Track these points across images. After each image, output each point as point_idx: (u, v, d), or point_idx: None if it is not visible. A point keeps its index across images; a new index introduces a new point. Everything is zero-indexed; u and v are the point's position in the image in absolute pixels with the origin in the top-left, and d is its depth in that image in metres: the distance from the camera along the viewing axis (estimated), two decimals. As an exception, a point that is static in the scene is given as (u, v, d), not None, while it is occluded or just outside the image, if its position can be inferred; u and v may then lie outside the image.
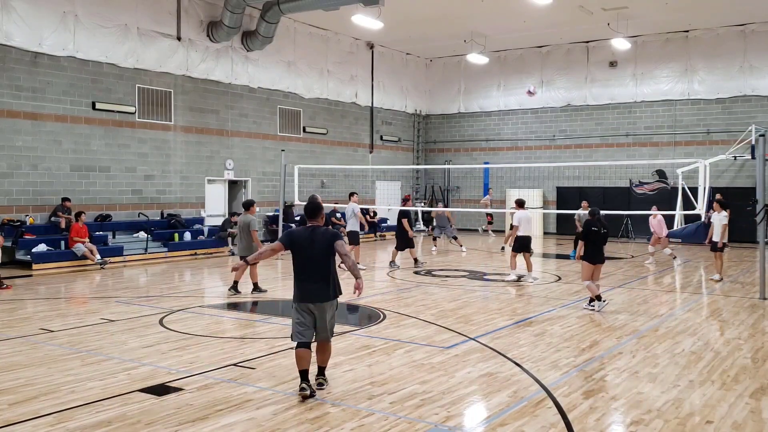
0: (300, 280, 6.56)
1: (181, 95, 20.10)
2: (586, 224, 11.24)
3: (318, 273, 6.52)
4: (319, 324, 6.56)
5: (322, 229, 6.64)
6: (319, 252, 6.50)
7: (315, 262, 6.52)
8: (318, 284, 6.51)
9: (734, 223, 22.57)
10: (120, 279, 14.76)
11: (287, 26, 23.18)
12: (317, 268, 6.52)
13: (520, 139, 28.76)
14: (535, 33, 25.44)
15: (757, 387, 6.83)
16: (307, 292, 6.52)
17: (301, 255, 6.56)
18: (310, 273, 6.53)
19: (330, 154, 25.71)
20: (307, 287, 6.53)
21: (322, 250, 6.51)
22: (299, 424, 5.68)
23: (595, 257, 11.00)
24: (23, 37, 16.30)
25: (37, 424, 5.64)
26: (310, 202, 6.97)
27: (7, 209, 16.19)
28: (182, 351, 8.15)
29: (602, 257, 11.11)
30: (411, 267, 16.99)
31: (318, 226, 6.66)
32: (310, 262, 6.53)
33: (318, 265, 6.52)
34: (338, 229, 22.60)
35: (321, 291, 6.51)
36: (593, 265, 11.03)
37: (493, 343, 8.66)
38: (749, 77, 24.10)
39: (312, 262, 6.53)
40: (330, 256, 6.56)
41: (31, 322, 10.08)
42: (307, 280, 6.53)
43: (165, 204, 19.77)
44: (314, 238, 6.54)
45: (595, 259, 11.01)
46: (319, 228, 6.64)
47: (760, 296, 12.22)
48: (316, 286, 6.51)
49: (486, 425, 5.77)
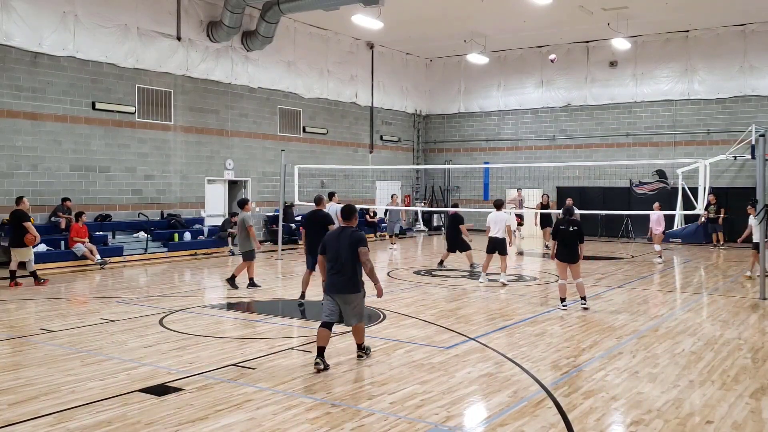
0: (329, 273, 7.50)
1: (181, 95, 20.10)
2: (556, 223, 11.34)
3: (342, 268, 7.37)
4: (344, 311, 7.46)
5: (350, 231, 7.49)
6: (344, 250, 7.37)
7: (340, 258, 7.38)
8: (342, 278, 7.37)
9: (734, 223, 22.73)
10: (120, 279, 14.76)
11: (287, 26, 23.18)
12: (342, 265, 7.37)
13: (520, 139, 28.76)
14: (535, 33, 25.44)
15: (757, 387, 6.83)
16: (332, 285, 7.44)
17: (330, 252, 7.48)
18: (336, 268, 7.41)
19: (330, 154, 25.71)
20: (333, 280, 7.43)
21: (346, 249, 7.36)
22: (299, 424, 5.68)
23: (564, 256, 10.98)
24: (23, 37, 16.30)
25: (37, 424, 5.64)
26: (346, 205, 7.88)
27: (7, 209, 16.13)
28: (182, 351, 8.14)
29: (573, 256, 10.94)
30: (411, 267, 17.00)
31: (348, 227, 7.56)
32: (336, 259, 7.41)
33: (343, 261, 7.36)
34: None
35: (344, 284, 7.38)
36: (563, 264, 11.01)
37: (493, 343, 8.66)
38: (749, 77, 24.10)
39: (338, 259, 7.39)
40: (354, 255, 7.35)
41: (31, 322, 10.09)
42: (334, 274, 7.42)
43: (165, 204, 19.76)
44: (341, 238, 7.44)
45: (564, 257, 10.98)
46: (348, 229, 7.52)
47: (760, 296, 12.22)
48: (340, 279, 7.38)
49: (486, 425, 5.76)
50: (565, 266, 11.05)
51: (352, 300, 7.44)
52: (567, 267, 11.05)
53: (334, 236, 7.55)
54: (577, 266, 11.01)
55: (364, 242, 7.39)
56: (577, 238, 10.93)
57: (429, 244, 24.22)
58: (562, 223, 11.08)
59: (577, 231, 10.92)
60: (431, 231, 29.52)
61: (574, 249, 10.95)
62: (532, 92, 28.35)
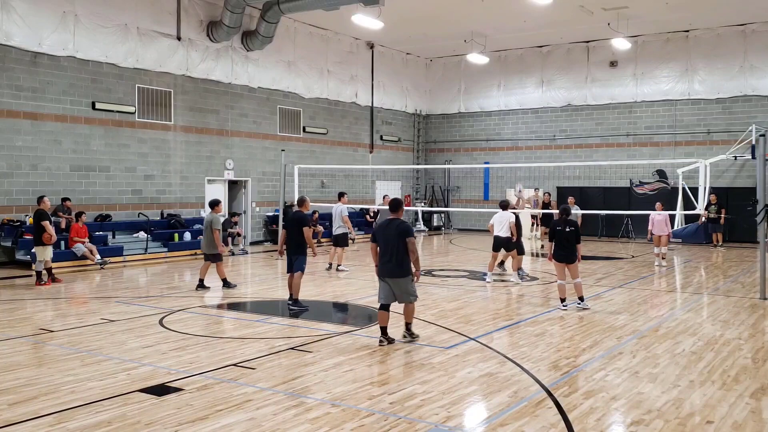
0: (381, 259, 8.52)
1: (181, 95, 20.09)
2: (553, 224, 11.33)
3: (391, 255, 8.40)
4: (396, 292, 8.48)
5: (398, 222, 8.53)
6: (392, 239, 8.40)
7: (389, 247, 8.41)
8: (391, 263, 8.41)
9: (735, 223, 22.74)
10: (120, 279, 14.76)
11: (287, 26, 23.17)
12: (391, 252, 8.40)
13: (520, 139, 28.75)
14: (536, 33, 25.42)
15: (757, 387, 6.83)
16: (383, 269, 8.49)
17: (380, 241, 8.54)
18: (386, 255, 8.43)
19: (330, 154, 25.70)
20: (385, 266, 8.47)
21: (394, 238, 8.39)
22: (299, 424, 5.67)
23: (561, 257, 11.02)
24: (23, 37, 16.30)
25: (37, 424, 5.64)
26: (394, 199, 8.93)
27: (7, 209, 16.18)
28: (182, 351, 8.14)
29: (570, 256, 10.98)
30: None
31: (395, 219, 8.57)
32: (386, 247, 8.44)
33: (392, 249, 8.39)
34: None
35: (393, 269, 8.42)
36: (561, 264, 11.06)
37: (493, 343, 8.65)
38: (749, 77, 24.09)
39: (387, 247, 8.43)
40: (401, 243, 8.36)
41: (31, 322, 10.09)
42: (386, 261, 8.44)
43: (165, 204, 19.76)
44: (389, 228, 8.49)
45: (562, 258, 11.02)
46: (396, 221, 8.55)
47: (761, 296, 12.21)
48: (390, 265, 8.42)
49: (486, 425, 5.76)
50: (563, 266, 11.08)
51: (402, 282, 8.45)
52: (565, 267, 11.08)
53: (383, 227, 8.62)
54: (575, 266, 11.04)
55: (411, 233, 8.44)
56: (574, 239, 10.95)
57: (429, 244, 24.22)
58: (559, 224, 11.11)
59: (573, 231, 10.95)
60: (431, 231, 29.52)
61: (571, 249, 10.98)
62: (533, 92, 28.34)
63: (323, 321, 10.36)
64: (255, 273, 16.56)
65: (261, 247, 21.77)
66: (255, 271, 16.97)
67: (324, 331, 9.29)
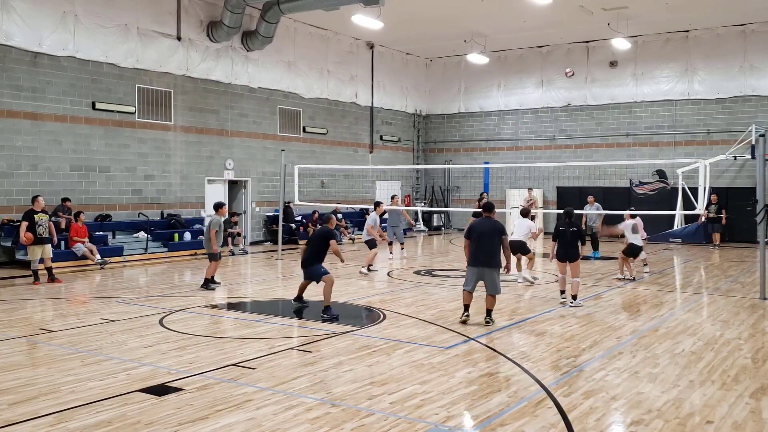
0: (476, 251, 9.76)
1: (181, 95, 20.09)
2: (557, 225, 11.89)
3: (486, 248, 9.71)
4: (486, 281, 9.72)
5: (494, 221, 9.99)
6: (488, 235, 9.74)
7: (486, 241, 9.72)
8: (486, 255, 9.70)
9: (735, 223, 22.74)
10: (120, 279, 14.76)
11: (287, 26, 23.17)
12: (487, 245, 9.71)
13: (520, 139, 28.75)
14: (535, 33, 25.42)
15: (757, 387, 6.83)
16: (478, 260, 9.76)
17: (475, 234, 9.82)
18: (482, 247, 9.72)
19: (330, 154, 25.70)
20: (479, 256, 9.74)
21: (489, 234, 9.75)
22: (299, 424, 5.67)
23: (563, 256, 11.54)
24: (23, 37, 16.30)
25: (37, 424, 5.64)
26: (488, 202, 10.54)
27: (7, 209, 16.18)
28: (182, 351, 8.14)
29: (572, 255, 11.47)
30: (411, 267, 17.01)
31: (490, 218, 10.02)
32: (482, 241, 9.72)
33: (488, 243, 9.72)
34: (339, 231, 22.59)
35: (487, 260, 9.72)
36: (563, 263, 11.58)
37: (493, 343, 8.66)
38: (749, 77, 24.09)
39: (484, 241, 9.72)
40: (496, 239, 9.77)
41: (31, 322, 10.09)
42: (480, 252, 9.71)
43: (165, 204, 19.76)
44: (487, 226, 9.85)
45: (564, 257, 11.54)
46: (492, 220, 10.02)
47: (761, 296, 12.22)
48: (485, 256, 9.71)
49: (486, 425, 5.76)
50: (565, 265, 11.60)
51: (492, 273, 9.69)
52: (567, 265, 11.56)
53: (480, 224, 9.94)
54: (576, 265, 11.51)
55: (505, 231, 9.86)
56: (577, 239, 11.51)
57: (429, 244, 24.22)
58: (562, 225, 11.63)
59: (576, 232, 11.54)
60: (431, 231, 29.52)
61: (573, 249, 11.50)
62: (532, 92, 28.34)
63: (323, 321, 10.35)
64: (255, 273, 16.56)
65: (261, 247, 21.77)
66: (255, 271, 16.97)
67: (324, 331, 9.30)
